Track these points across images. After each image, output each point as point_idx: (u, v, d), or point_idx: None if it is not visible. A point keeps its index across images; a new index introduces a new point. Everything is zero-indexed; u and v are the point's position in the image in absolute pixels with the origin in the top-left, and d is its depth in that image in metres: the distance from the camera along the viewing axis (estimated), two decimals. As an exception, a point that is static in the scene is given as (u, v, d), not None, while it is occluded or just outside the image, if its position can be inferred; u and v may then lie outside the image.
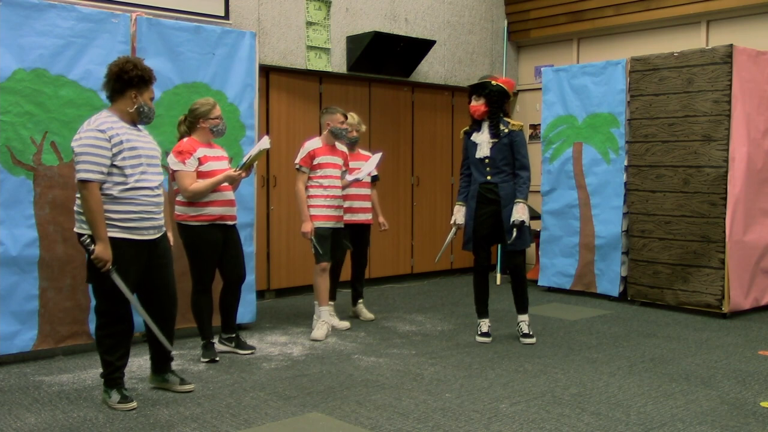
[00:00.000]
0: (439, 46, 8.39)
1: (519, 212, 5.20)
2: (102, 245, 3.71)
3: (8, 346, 4.71)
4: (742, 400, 4.11)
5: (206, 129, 4.79)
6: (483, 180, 5.33)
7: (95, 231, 3.70)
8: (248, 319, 5.75)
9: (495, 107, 5.28)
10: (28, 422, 3.71)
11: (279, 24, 7.10)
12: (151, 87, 3.93)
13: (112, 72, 3.86)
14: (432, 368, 4.72)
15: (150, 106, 3.93)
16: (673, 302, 6.61)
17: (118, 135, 3.77)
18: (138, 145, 3.85)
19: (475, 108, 5.33)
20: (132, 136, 3.85)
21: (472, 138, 5.40)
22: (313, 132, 6.63)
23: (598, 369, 4.73)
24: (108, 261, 3.72)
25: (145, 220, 3.85)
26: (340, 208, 5.68)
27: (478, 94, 5.32)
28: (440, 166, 8.71)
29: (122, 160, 3.75)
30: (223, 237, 4.85)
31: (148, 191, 3.85)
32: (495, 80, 5.33)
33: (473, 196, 5.38)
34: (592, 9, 8.41)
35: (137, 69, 3.84)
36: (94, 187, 3.69)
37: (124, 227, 3.78)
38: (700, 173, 6.39)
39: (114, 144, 3.73)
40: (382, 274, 8.11)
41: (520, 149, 5.29)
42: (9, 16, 4.67)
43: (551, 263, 7.57)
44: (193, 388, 4.19)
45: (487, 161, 5.30)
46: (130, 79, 3.82)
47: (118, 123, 3.83)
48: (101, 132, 3.73)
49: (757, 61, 6.46)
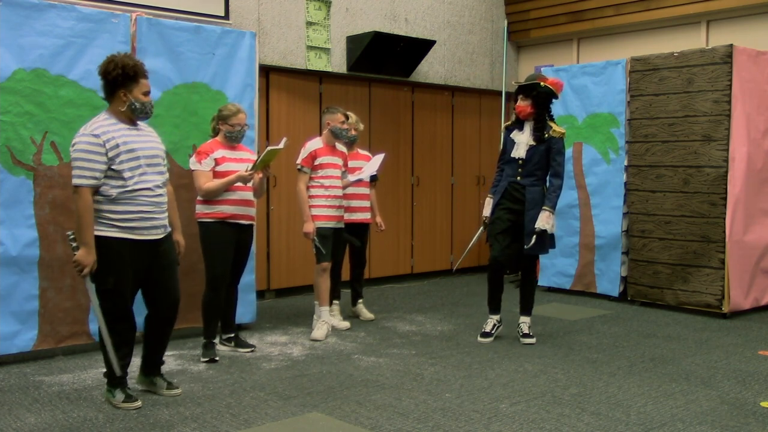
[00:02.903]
0: (439, 46, 8.39)
1: (543, 220, 5.14)
2: (85, 250, 3.70)
3: (8, 346, 4.71)
4: (742, 400, 4.11)
5: (223, 132, 4.89)
6: (513, 179, 5.31)
7: (81, 235, 3.69)
8: (248, 319, 5.75)
9: (541, 109, 5.25)
10: (28, 422, 3.71)
11: (279, 24, 7.10)
12: (141, 81, 3.83)
13: (99, 74, 3.86)
14: (432, 368, 4.72)
15: (143, 100, 3.84)
16: (673, 302, 6.61)
17: (114, 138, 3.74)
18: (136, 146, 3.82)
19: (522, 108, 5.27)
20: (130, 137, 3.81)
21: (512, 135, 5.36)
22: (314, 132, 6.63)
23: (598, 369, 4.73)
24: (87, 266, 3.71)
25: (145, 220, 3.83)
26: (341, 208, 5.69)
27: (525, 95, 5.27)
28: (440, 166, 8.71)
29: (120, 164, 3.73)
30: (236, 236, 4.92)
31: (148, 191, 3.83)
32: (544, 81, 5.26)
33: (501, 191, 5.36)
34: (592, 9, 8.41)
35: (118, 67, 3.76)
36: (85, 192, 3.68)
37: (123, 227, 3.77)
38: (700, 173, 6.39)
39: (109, 148, 3.71)
40: (382, 274, 8.11)
41: (556, 156, 5.24)
42: (9, 16, 4.67)
43: (551, 263, 7.57)
44: (179, 393, 4.14)
45: (520, 162, 5.27)
46: (114, 79, 3.78)
47: (116, 125, 3.80)
48: (95, 137, 3.71)
49: (757, 61, 6.45)
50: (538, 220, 5.16)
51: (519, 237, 5.30)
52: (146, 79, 3.89)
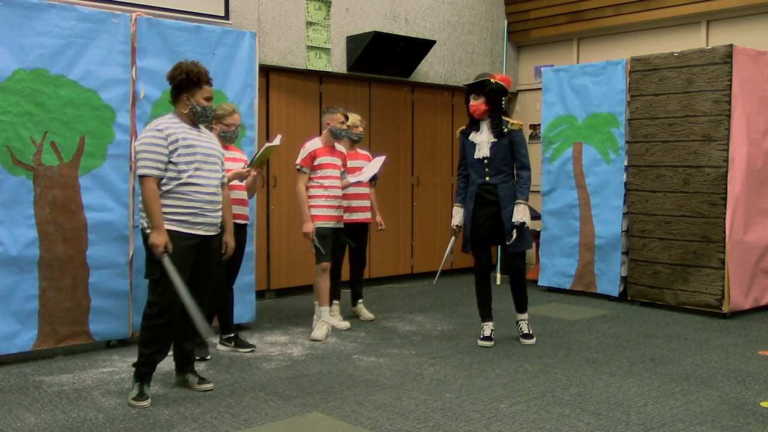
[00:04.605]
0: (439, 46, 8.39)
1: (520, 213, 5.14)
2: (156, 232, 3.89)
3: (8, 346, 4.71)
4: (742, 400, 4.11)
5: (216, 131, 4.87)
6: (481, 181, 5.28)
7: (151, 220, 3.90)
8: (248, 319, 5.75)
9: (495, 105, 5.22)
10: (28, 422, 3.71)
11: (279, 24, 7.09)
12: (204, 87, 4.08)
13: (166, 78, 4.11)
14: (432, 368, 4.72)
15: (204, 105, 4.08)
16: (673, 302, 6.61)
17: (175, 134, 3.98)
18: (195, 143, 4.04)
19: (475, 107, 5.25)
20: (191, 135, 4.05)
21: (470, 138, 5.34)
22: (313, 132, 6.63)
23: (598, 369, 4.73)
24: (160, 245, 3.86)
25: (197, 215, 4.00)
26: (341, 208, 5.69)
27: (477, 93, 5.25)
28: (440, 166, 8.70)
29: (177, 157, 3.95)
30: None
31: (201, 188, 4.02)
32: (493, 78, 5.25)
33: (471, 197, 5.31)
34: (592, 9, 8.41)
35: (183, 73, 4.03)
36: (150, 182, 3.90)
37: (175, 220, 3.96)
38: (700, 173, 6.39)
39: (170, 142, 3.95)
40: (382, 274, 8.11)
41: (520, 149, 5.23)
42: (9, 16, 4.67)
43: (551, 263, 7.57)
44: (211, 388, 4.23)
45: (486, 161, 5.25)
46: (178, 83, 4.05)
47: (178, 124, 4.05)
48: (159, 131, 3.96)
49: (757, 61, 6.46)
50: (514, 213, 5.15)
51: (501, 238, 5.28)
52: (210, 85, 4.13)
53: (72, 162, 4.91)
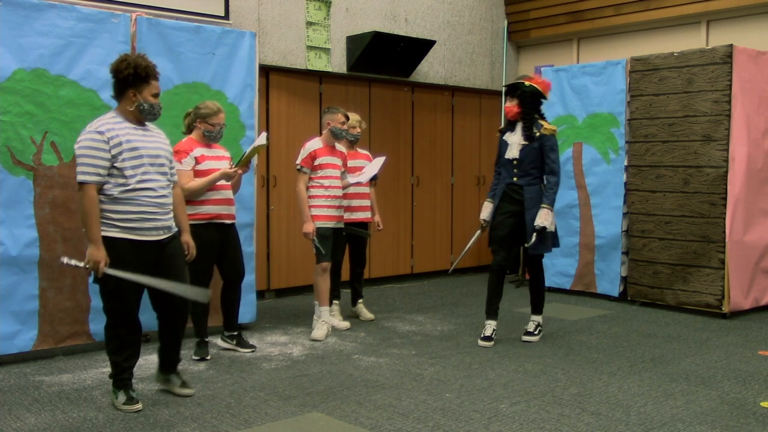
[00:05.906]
0: (439, 46, 8.39)
1: (542, 217, 5.16)
2: (93, 247, 3.67)
3: (8, 346, 4.71)
4: (742, 400, 4.11)
5: (200, 131, 4.83)
6: (510, 180, 5.34)
7: (87, 232, 3.68)
8: (248, 319, 5.75)
9: (528, 108, 5.25)
10: (28, 422, 3.71)
11: (279, 24, 7.09)
12: (152, 83, 3.84)
13: (110, 72, 3.86)
14: (432, 368, 4.72)
15: (152, 102, 3.84)
16: (673, 302, 6.61)
17: (118, 136, 3.73)
18: (140, 145, 3.80)
19: (509, 108, 5.31)
20: (135, 136, 3.81)
21: (505, 137, 5.39)
22: (314, 132, 6.63)
23: (598, 369, 4.73)
24: (97, 262, 3.67)
25: (147, 220, 3.80)
26: (341, 208, 5.69)
27: (511, 95, 5.31)
28: (440, 166, 8.70)
29: (122, 162, 3.72)
30: (221, 237, 4.87)
31: (150, 192, 3.80)
32: (529, 81, 5.28)
33: (499, 194, 5.39)
34: (592, 9, 8.41)
35: (130, 67, 3.77)
36: (89, 189, 3.67)
37: (123, 227, 3.74)
38: (700, 173, 6.39)
39: (113, 145, 3.70)
40: (382, 274, 8.11)
41: (549, 154, 5.23)
42: (9, 16, 4.67)
43: (551, 263, 7.56)
44: (191, 393, 4.14)
45: (515, 162, 5.30)
46: (125, 78, 3.78)
47: (122, 123, 3.80)
48: (99, 134, 3.70)
49: (757, 61, 6.45)
50: (537, 217, 5.17)
51: (522, 238, 5.31)
52: (157, 81, 3.89)
53: (72, 162, 4.88)
